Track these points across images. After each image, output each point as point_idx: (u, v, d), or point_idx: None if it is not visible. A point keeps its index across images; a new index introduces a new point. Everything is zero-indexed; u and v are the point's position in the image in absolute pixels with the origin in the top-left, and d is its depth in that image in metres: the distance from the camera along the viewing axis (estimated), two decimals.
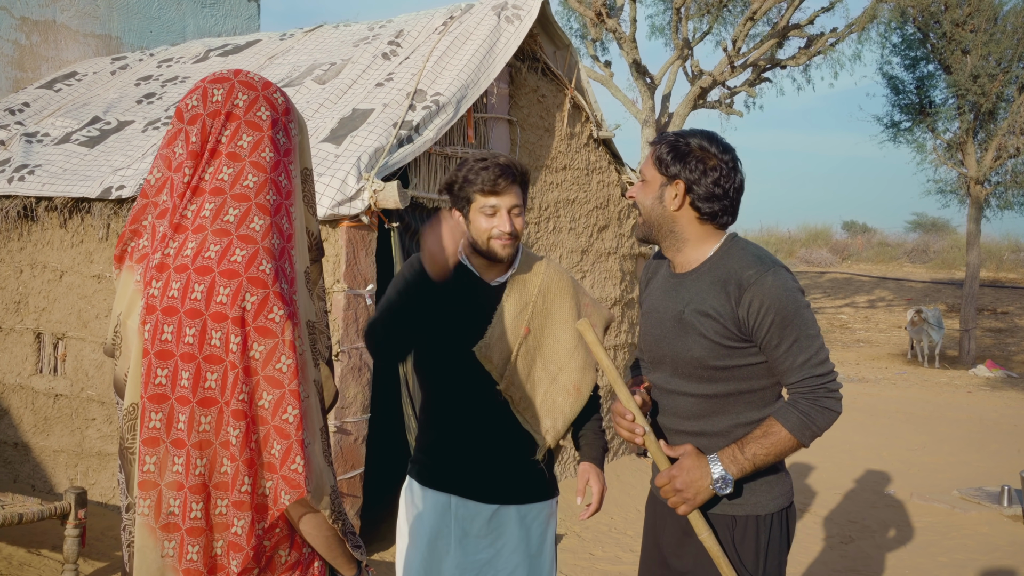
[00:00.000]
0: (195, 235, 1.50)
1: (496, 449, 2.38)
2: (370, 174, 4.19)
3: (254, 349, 1.46)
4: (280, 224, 1.54)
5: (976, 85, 14.35)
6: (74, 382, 5.07)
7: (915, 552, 5.23)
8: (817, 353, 1.97)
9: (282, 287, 1.50)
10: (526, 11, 5.29)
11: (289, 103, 1.64)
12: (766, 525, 2.06)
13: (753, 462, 1.98)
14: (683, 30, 13.97)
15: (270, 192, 1.54)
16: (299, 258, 1.58)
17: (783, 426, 1.97)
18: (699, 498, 2.00)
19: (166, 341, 1.47)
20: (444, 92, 4.76)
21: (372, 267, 4.39)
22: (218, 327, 1.45)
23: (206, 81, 1.59)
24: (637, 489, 6.08)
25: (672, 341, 2.09)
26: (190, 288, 1.47)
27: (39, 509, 3.83)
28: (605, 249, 6.38)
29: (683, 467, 2.01)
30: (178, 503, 1.48)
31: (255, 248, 1.49)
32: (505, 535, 2.39)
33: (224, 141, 1.54)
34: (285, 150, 1.59)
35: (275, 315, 1.46)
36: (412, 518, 2.43)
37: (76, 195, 4.93)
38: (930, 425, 9.34)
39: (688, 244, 2.10)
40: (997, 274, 23.55)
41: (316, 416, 1.55)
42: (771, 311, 1.95)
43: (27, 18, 7.23)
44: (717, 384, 2.04)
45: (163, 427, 1.48)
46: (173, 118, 1.59)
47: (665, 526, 2.18)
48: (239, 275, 1.46)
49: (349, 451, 4.34)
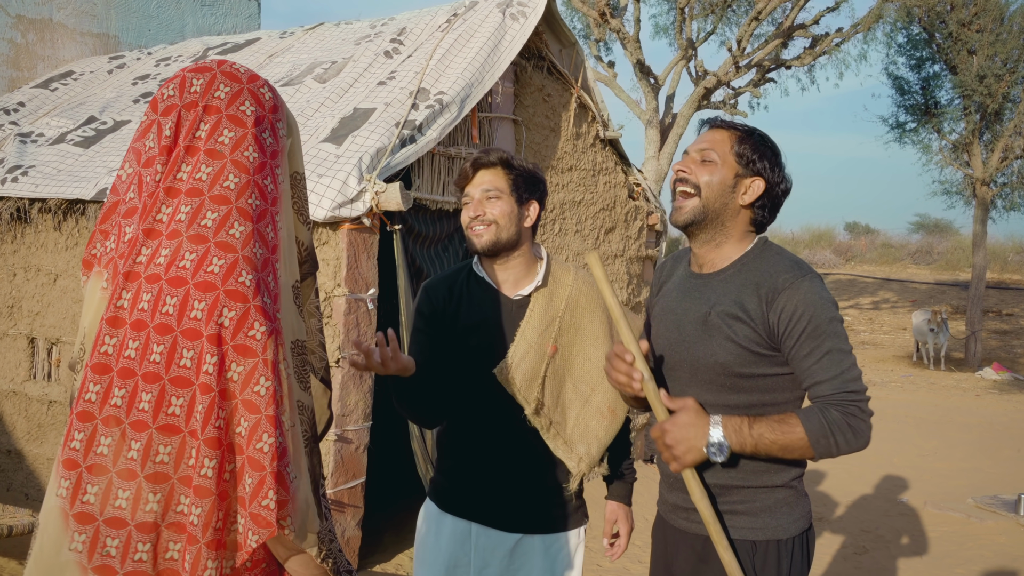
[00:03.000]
0: (169, 241, 1.34)
1: (520, 475, 2.21)
2: (372, 175, 4.08)
3: (232, 370, 1.30)
4: (264, 232, 1.38)
5: (982, 85, 14.22)
6: (68, 388, 4.95)
7: (931, 563, 5.10)
8: (850, 369, 1.82)
9: (264, 301, 1.34)
10: (531, 8, 5.17)
11: (278, 99, 1.48)
12: (788, 550, 1.91)
13: (756, 443, 1.80)
14: (687, 30, 13.85)
15: (253, 196, 1.38)
16: (285, 271, 1.42)
17: (802, 424, 1.78)
18: (688, 457, 1.83)
19: (129, 358, 1.30)
20: (448, 91, 4.64)
21: (374, 271, 4.27)
22: (190, 345, 1.29)
23: (186, 70, 1.44)
24: (645, 497, 5.95)
25: (692, 345, 1.94)
26: (161, 301, 1.31)
27: (30, 521, 3.71)
28: (612, 251, 6.25)
29: (678, 422, 1.84)
30: (116, 543, 1.29)
31: (234, 257, 1.33)
32: (527, 566, 2.22)
33: (202, 136, 1.38)
34: (272, 151, 1.43)
35: (256, 332, 1.31)
36: (430, 543, 2.27)
37: (70, 197, 4.81)
38: (940, 430, 9.21)
39: (729, 241, 1.96)
40: (1002, 275, 23.41)
41: (302, 445, 1.39)
42: (804, 318, 1.81)
43: (23, 16, 7.11)
44: (739, 394, 1.90)
45: (111, 454, 1.30)
46: (147, 108, 1.43)
47: (678, 552, 2.03)
48: (216, 287, 1.30)
49: (350, 460, 4.21)
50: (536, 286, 2.25)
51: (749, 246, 1.97)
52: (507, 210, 2.19)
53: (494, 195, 2.19)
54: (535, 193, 2.27)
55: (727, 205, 1.93)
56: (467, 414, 2.25)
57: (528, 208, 2.25)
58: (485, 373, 2.17)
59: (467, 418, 2.25)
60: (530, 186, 2.25)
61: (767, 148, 1.95)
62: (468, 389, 2.23)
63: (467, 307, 2.23)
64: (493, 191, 2.19)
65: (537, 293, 2.24)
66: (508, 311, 2.22)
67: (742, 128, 1.98)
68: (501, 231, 2.18)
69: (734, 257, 1.96)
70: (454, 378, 2.24)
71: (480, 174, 2.22)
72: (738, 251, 1.96)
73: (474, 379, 2.20)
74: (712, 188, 1.93)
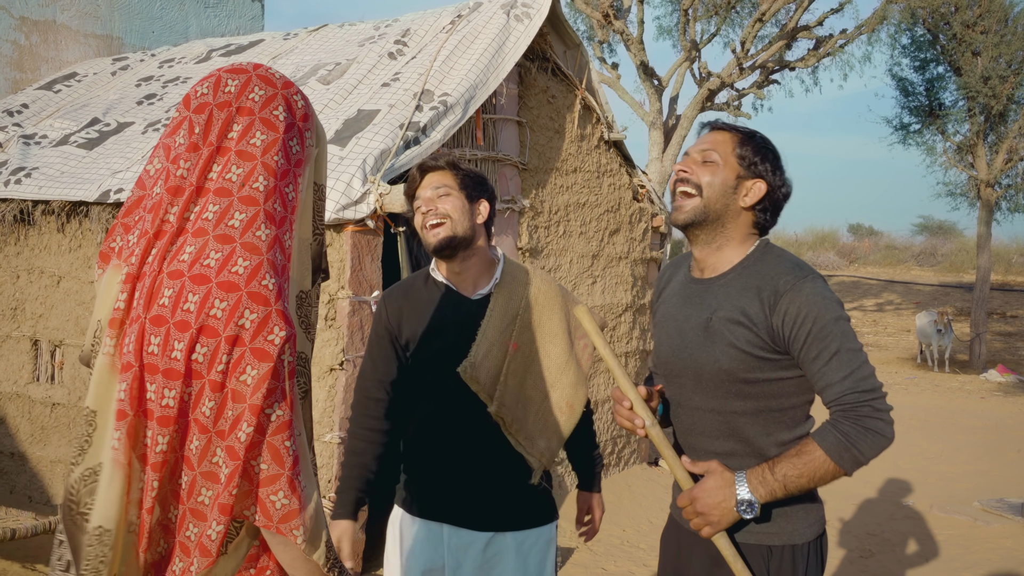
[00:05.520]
0: (195, 239, 1.34)
1: (488, 473, 2.24)
2: (376, 177, 4.06)
3: (246, 373, 1.29)
4: (283, 239, 1.38)
5: (987, 87, 14.18)
6: (72, 391, 4.94)
7: (937, 567, 5.07)
8: (860, 368, 1.78)
9: (285, 306, 1.33)
10: (536, 9, 5.15)
11: (309, 108, 1.47)
12: (803, 555, 1.89)
13: (784, 485, 1.78)
14: (691, 32, 13.83)
15: (277, 201, 1.38)
16: (295, 281, 1.42)
17: (819, 447, 1.76)
18: (724, 521, 1.81)
19: (152, 354, 1.31)
20: (452, 92, 4.62)
21: (378, 273, 4.26)
22: (205, 343, 1.29)
23: (222, 70, 1.43)
24: (649, 500, 5.94)
25: (695, 352, 1.91)
26: (183, 298, 1.30)
27: (33, 524, 3.70)
28: (616, 254, 6.23)
29: (706, 488, 1.83)
30: None
31: (259, 260, 1.33)
32: (501, 564, 2.23)
33: (234, 137, 1.38)
34: (296, 159, 1.42)
35: (275, 336, 1.30)
36: (403, 551, 2.28)
37: (74, 198, 4.80)
38: (945, 432, 9.18)
39: (730, 244, 1.94)
40: (1006, 277, 23.35)
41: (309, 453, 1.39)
42: (808, 320, 1.78)
43: (26, 18, 7.11)
44: (745, 400, 1.87)
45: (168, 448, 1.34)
46: (180, 104, 1.42)
47: (692, 558, 1.99)
48: (239, 288, 1.30)
49: None
50: (495, 284, 2.28)
51: (750, 249, 1.94)
52: (459, 205, 2.23)
53: (444, 192, 2.24)
54: (484, 193, 2.31)
55: (728, 206, 1.91)
56: (433, 415, 2.27)
57: (479, 205, 2.28)
58: (449, 374, 2.18)
59: (433, 419, 2.27)
60: (478, 186, 2.30)
61: (768, 151, 1.93)
62: (433, 391, 2.25)
63: (427, 311, 2.25)
64: (443, 188, 2.24)
65: (497, 292, 2.27)
66: (469, 311, 2.24)
67: (743, 131, 1.97)
68: (456, 225, 2.21)
69: (735, 261, 1.93)
70: (417, 382, 2.28)
71: (428, 176, 2.27)
72: (739, 254, 1.94)
73: (439, 380, 2.22)
74: (714, 188, 1.91)
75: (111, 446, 1.33)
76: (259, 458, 1.30)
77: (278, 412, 1.30)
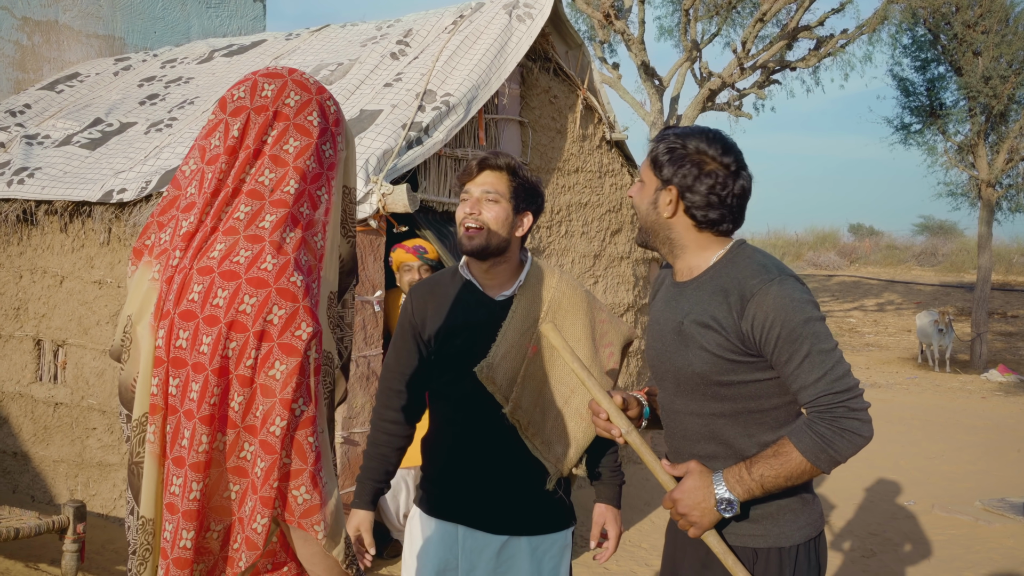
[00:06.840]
0: (225, 237, 1.37)
1: (505, 476, 2.22)
2: (378, 177, 4.07)
3: (275, 368, 1.31)
4: (312, 241, 1.41)
5: (988, 87, 14.19)
6: (74, 390, 4.95)
7: (939, 566, 5.08)
8: (833, 368, 1.76)
9: (312, 303, 1.36)
10: (538, 9, 5.16)
11: (340, 113, 1.50)
12: (791, 558, 1.87)
13: (762, 484, 1.78)
14: (692, 32, 13.84)
15: (306, 204, 1.41)
16: (326, 281, 1.45)
17: (796, 447, 1.76)
18: (705, 521, 1.82)
19: (180, 348, 1.35)
20: (454, 92, 4.63)
21: (381, 272, 4.26)
22: (234, 337, 1.32)
23: (257, 74, 1.46)
24: (657, 500, 5.94)
25: (672, 355, 1.91)
26: (212, 293, 1.33)
27: (36, 524, 3.70)
28: (618, 254, 6.24)
29: (685, 489, 1.84)
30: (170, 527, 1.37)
31: (287, 259, 1.36)
32: (515, 568, 2.23)
33: (269, 142, 1.41)
34: (329, 163, 1.45)
35: (302, 332, 1.33)
36: (418, 550, 2.28)
37: (76, 199, 4.81)
38: (947, 432, 9.19)
39: (687, 251, 1.93)
40: (1006, 277, 23.35)
41: (330, 450, 1.41)
42: (776, 324, 1.76)
43: (29, 18, 7.12)
44: (724, 402, 1.86)
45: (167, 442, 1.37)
46: (215, 107, 1.45)
47: (685, 556, 2.00)
48: (268, 285, 1.33)
49: (357, 462, 4.20)
50: (518, 287, 2.26)
51: (721, 251, 1.92)
52: (502, 216, 2.20)
53: (493, 197, 2.20)
54: (532, 205, 2.27)
55: (657, 221, 1.93)
56: (451, 415, 2.27)
57: (523, 218, 2.25)
58: (467, 373, 2.18)
59: (451, 419, 2.27)
60: (529, 197, 2.26)
61: (677, 153, 1.89)
62: (452, 390, 2.24)
63: (452, 309, 2.24)
64: (493, 193, 2.20)
65: (520, 294, 2.25)
66: (491, 312, 2.23)
67: (660, 138, 1.96)
68: (492, 236, 2.18)
69: (705, 265, 1.92)
70: (436, 380, 2.28)
71: (484, 174, 2.23)
72: (707, 258, 1.92)
73: (457, 379, 2.22)
74: (641, 209, 1.96)
75: (148, 440, 1.38)
76: (283, 453, 1.32)
77: (303, 408, 1.33)
